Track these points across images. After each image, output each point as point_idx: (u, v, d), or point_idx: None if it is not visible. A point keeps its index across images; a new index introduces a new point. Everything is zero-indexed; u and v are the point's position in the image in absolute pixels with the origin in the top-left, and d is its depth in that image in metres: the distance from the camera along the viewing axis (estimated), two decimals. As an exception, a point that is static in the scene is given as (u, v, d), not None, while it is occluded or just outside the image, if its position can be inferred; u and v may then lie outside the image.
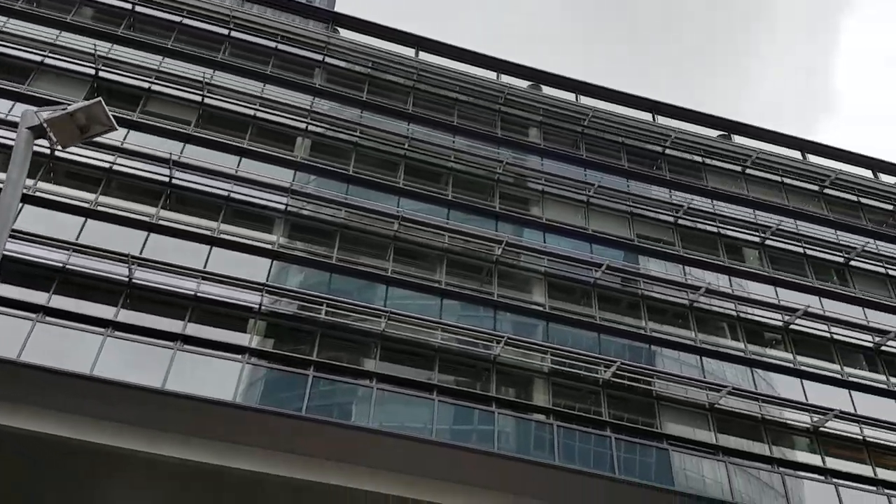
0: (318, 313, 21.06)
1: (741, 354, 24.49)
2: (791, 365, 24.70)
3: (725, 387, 22.64)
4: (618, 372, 22.03)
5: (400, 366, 21.41)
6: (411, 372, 21.34)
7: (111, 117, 7.39)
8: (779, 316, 25.81)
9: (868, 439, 23.16)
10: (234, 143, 24.58)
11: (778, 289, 26.72)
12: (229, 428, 18.62)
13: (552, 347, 22.29)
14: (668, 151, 30.36)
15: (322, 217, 23.93)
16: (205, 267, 21.07)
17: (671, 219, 27.83)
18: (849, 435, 23.22)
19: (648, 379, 22.38)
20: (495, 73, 31.37)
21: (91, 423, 17.77)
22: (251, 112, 25.82)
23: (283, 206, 23.68)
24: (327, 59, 29.10)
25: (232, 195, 23.25)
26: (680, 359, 23.79)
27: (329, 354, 20.74)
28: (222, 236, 22.19)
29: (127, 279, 20.07)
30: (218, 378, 19.16)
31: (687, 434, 21.95)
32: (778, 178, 31.07)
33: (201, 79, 25.46)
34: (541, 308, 23.86)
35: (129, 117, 23.88)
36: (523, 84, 31.52)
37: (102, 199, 22.01)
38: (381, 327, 21.34)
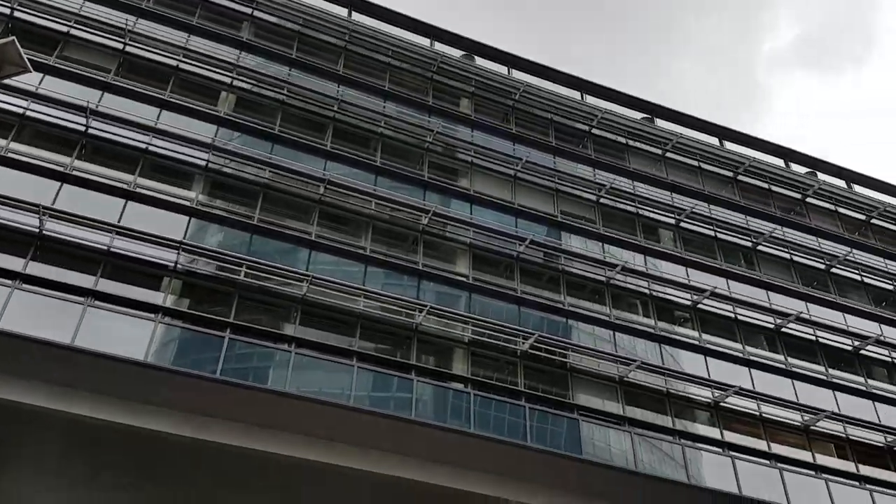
0: (236, 275, 20.64)
1: (651, 331, 25.47)
2: (697, 342, 25.86)
3: (635, 361, 23.54)
4: (535, 344, 22.56)
5: (320, 331, 21.28)
6: (332, 338, 21.25)
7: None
8: (688, 295, 26.91)
9: (764, 415, 24.58)
10: (154, 95, 23.58)
11: (689, 269, 27.81)
12: (141, 388, 18.18)
13: (474, 318, 22.59)
14: (594, 131, 30.95)
15: (244, 176, 23.34)
16: (119, 221, 20.27)
17: (593, 197, 28.48)
18: (747, 410, 24.56)
19: (564, 352, 23.02)
20: (429, 41, 31.13)
21: (-4, 379, 17.05)
22: (174, 63, 24.80)
23: (203, 163, 22.96)
24: (256, 13, 28.17)
25: (150, 148, 22.37)
26: (594, 333, 24.57)
27: (247, 317, 20.41)
28: (139, 190, 21.36)
29: (37, 230, 19.13)
30: (130, 337, 18.59)
31: (597, 405, 22.76)
32: (695, 163, 32.18)
33: (123, 25, 24.24)
34: (464, 279, 24.11)
35: (45, 62, 22.56)
36: (457, 53, 31.41)
37: (14, 146, 20.81)
38: (303, 292, 21.11)
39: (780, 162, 34.41)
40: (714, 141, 33.68)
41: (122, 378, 17.98)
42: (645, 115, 33.20)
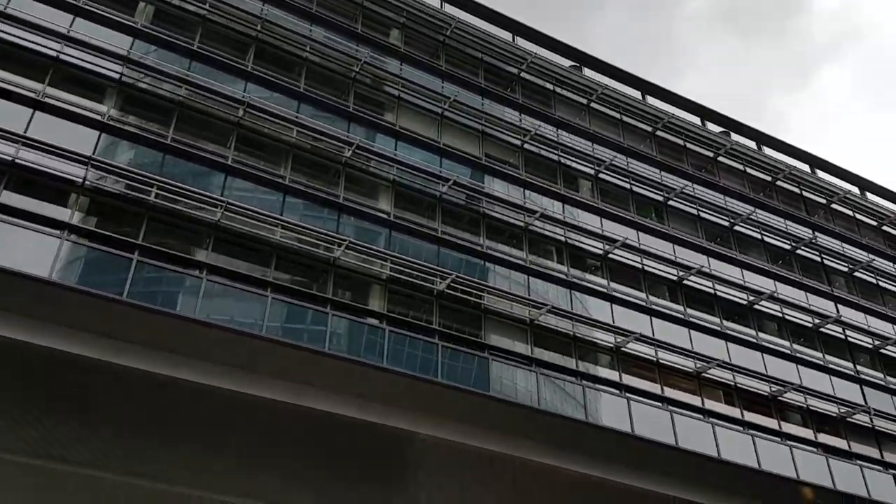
0: (147, 195, 19.83)
1: (564, 277, 26.22)
2: (605, 290, 26.83)
3: (546, 305, 24.27)
4: (452, 284, 22.87)
5: (234, 259, 20.86)
6: (246, 267, 20.90)
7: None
8: (601, 245, 27.76)
9: (661, 361, 25.94)
10: (68, 1, 21.89)
11: (603, 220, 28.62)
12: (45, 306, 17.49)
13: (393, 256, 22.62)
14: (523, 75, 30.92)
15: (160, 93, 22.21)
16: (26, 132, 19.04)
17: (518, 143, 28.66)
18: (645, 356, 25.84)
19: (479, 293, 23.44)
20: (361, -35, 29.99)
21: None
22: (88, -34, 23.01)
23: (117, 76, 21.69)
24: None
25: (61, 57, 20.92)
26: (510, 277, 25.09)
27: (157, 240, 19.77)
28: (47, 100, 20.03)
29: (-71, 135, 17.75)
30: (33, 253, 17.73)
31: (507, 346, 23.45)
32: (618, 116, 32.74)
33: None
34: (385, 216, 24.00)
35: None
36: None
37: None
38: (217, 217, 20.56)
39: (696, 120, 35.40)
40: (637, 94, 34.27)
41: (25, 295, 17.21)
42: (573, 64, 33.35)
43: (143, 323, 18.45)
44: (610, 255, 27.71)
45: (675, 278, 28.63)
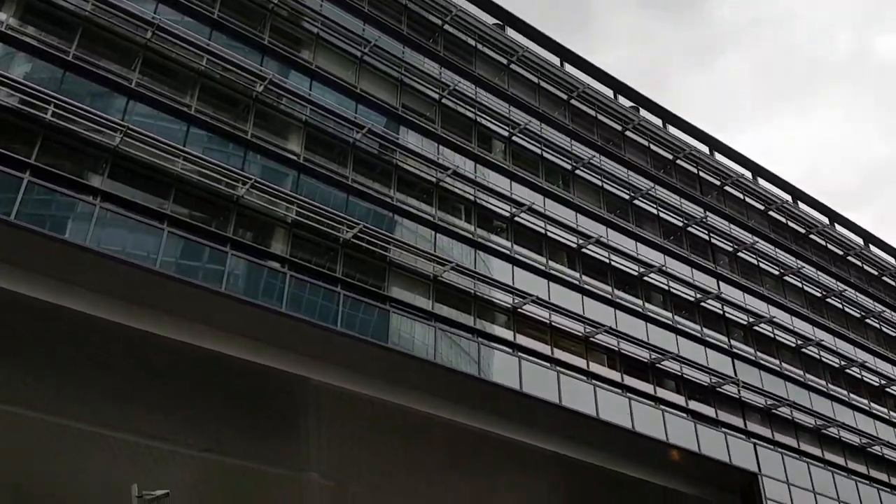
0: (43, 112, 18.48)
1: (470, 236, 26.52)
2: (508, 252, 27.35)
3: (450, 262, 24.53)
4: (359, 234, 22.66)
5: (131, 188, 19.87)
6: (142, 197, 19.96)
7: None
8: (508, 207, 28.17)
9: (554, 324, 26.84)
10: None
11: (513, 183, 28.98)
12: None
13: (299, 199, 22.12)
14: (446, 27, 30.51)
15: (64, 5, 20.50)
16: None
17: (436, 96, 28.41)
18: (539, 318, 26.66)
19: (385, 245, 23.37)
20: None
21: None
22: None
23: (14, -21, 19.88)
24: None
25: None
26: (417, 231, 25.12)
27: (51, 161, 18.55)
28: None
29: None
30: None
31: (408, 300, 23.61)
32: (535, 80, 32.97)
33: None
34: (295, 157, 23.39)
35: None
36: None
37: None
38: (116, 143, 19.45)
39: (609, 92, 36.15)
40: (556, 60, 34.55)
41: None
42: (497, 22, 33.17)
43: (30, 246, 17.40)
44: (516, 219, 28.18)
45: (574, 246, 29.49)
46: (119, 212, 19.29)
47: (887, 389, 37.36)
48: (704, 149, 38.47)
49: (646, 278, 31.09)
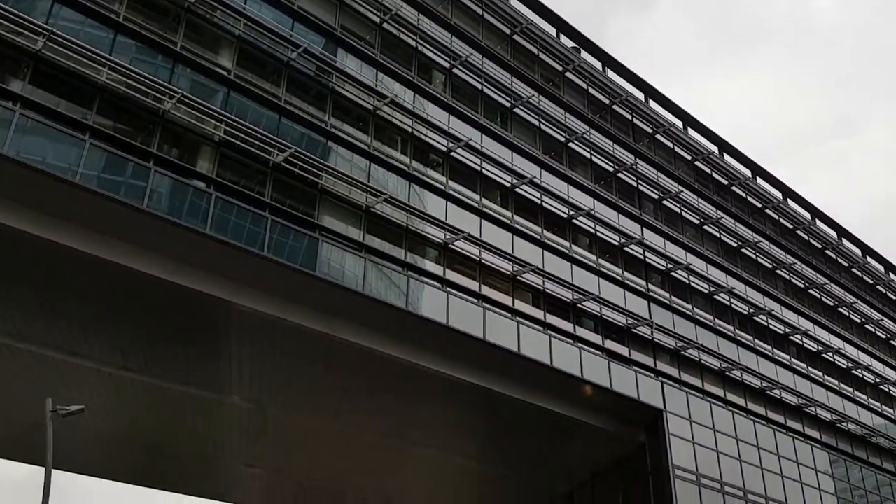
0: (-46, 9, 17.10)
1: (405, 168, 26.30)
2: (443, 187, 27.32)
3: (384, 194, 24.35)
4: (290, 158, 22.16)
5: (53, 96, 18.84)
6: (65, 106, 18.99)
7: None
8: (445, 141, 27.98)
9: (483, 261, 27.18)
10: None
11: (451, 116, 28.71)
12: None
13: (229, 118, 21.37)
14: (392, -51, 29.39)
15: None
16: None
17: (377, 20, 27.56)
18: (469, 255, 26.93)
19: (318, 172, 22.95)
20: None
21: None
22: None
23: None
24: None
25: None
26: (352, 160, 24.73)
27: (-37, 62, 17.27)
28: None
29: None
30: None
31: (340, 229, 23.41)
32: (479, 11, 32.30)
33: None
34: (226, 73, 22.48)
35: None
36: None
37: None
38: (38, 47, 18.27)
39: (552, 31, 35.81)
40: (501, -7, 33.84)
41: None
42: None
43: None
44: (453, 154, 28.05)
45: (508, 185, 29.67)
46: (40, 120, 18.38)
47: (790, 337, 39.66)
48: (640, 96, 38.87)
49: (574, 221, 31.67)
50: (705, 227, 38.48)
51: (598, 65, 37.25)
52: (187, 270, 20.76)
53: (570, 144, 33.55)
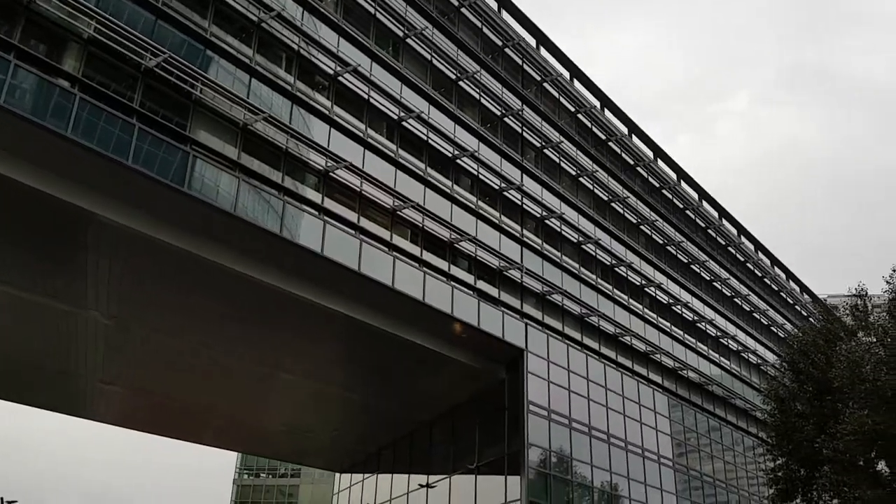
0: None
1: (289, 88, 25.30)
2: (328, 112, 26.57)
3: (263, 113, 23.39)
4: (164, 65, 20.75)
5: None
6: None
7: None
8: (332, 64, 27.09)
9: (364, 192, 26.88)
10: None
11: (341, 39, 27.78)
12: None
13: (101, 15, 19.63)
14: None
15: None
16: None
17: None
18: (350, 185, 26.54)
19: (194, 82, 21.65)
20: None
21: None
22: None
23: None
24: None
25: None
26: (235, 74, 23.49)
27: None
28: None
29: None
30: None
31: (215, 146, 22.35)
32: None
33: None
34: (99, -35, 20.52)
35: None
36: None
37: None
38: None
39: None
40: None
41: None
42: None
43: None
44: (339, 78, 27.24)
45: (395, 117, 29.27)
46: None
47: (645, 289, 42.24)
48: (532, 42, 39.14)
49: (458, 161, 31.84)
50: (581, 178, 39.81)
51: (494, 4, 37.03)
52: (51, 178, 19.37)
53: (461, 83, 33.44)
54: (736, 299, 52.25)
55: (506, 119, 35.62)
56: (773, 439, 30.19)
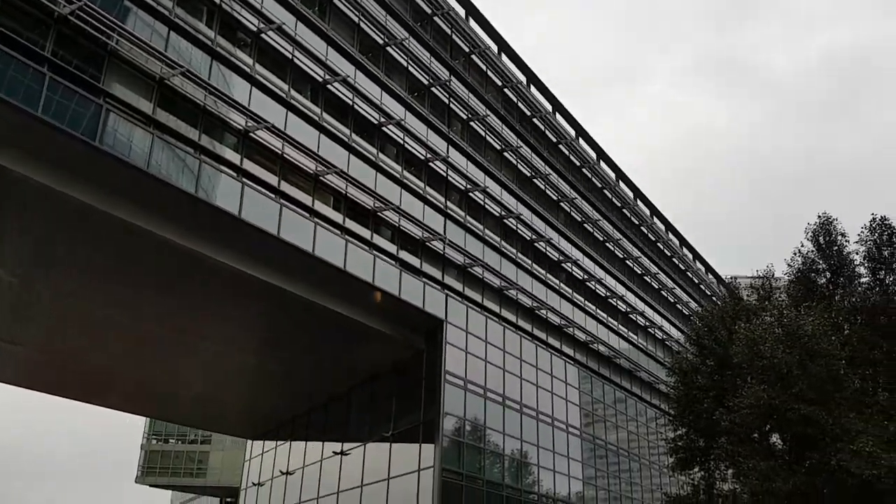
0: None
1: (209, 44, 24.30)
2: (249, 70, 25.70)
3: (182, 67, 22.42)
4: (79, 13, 19.55)
5: None
6: None
7: None
8: (256, 21, 26.16)
9: (286, 155, 26.25)
10: None
11: (266, -3, 26.85)
12: None
13: (7, -48, 18.29)
14: None
15: None
16: None
17: None
18: (272, 147, 25.84)
19: (110, 32, 20.49)
20: None
21: None
22: None
23: None
24: None
25: None
26: (153, 26, 22.34)
27: None
28: None
29: None
30: None
31: (130, 100, 21.32)
32: None
33: None
34: None
35: None
36: None
37: None
38: None
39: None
40: None
41: None
42: None
43: None
44: (263, 36, 26.36)
45: (320, 79, 28.61)
46: None
47: (562, 264, 43.16)
48: (462, 12, 38.90)
49: (384, 129, 31.47)
50: (505, 153, 40.10)
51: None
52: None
53: (389, 49, 32.94)
54: (646, 277, 54.10)
55: (433, 89, 35.38)
56: (675, 410, 31.60)
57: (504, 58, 41.98)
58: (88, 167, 20.33)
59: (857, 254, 27.17)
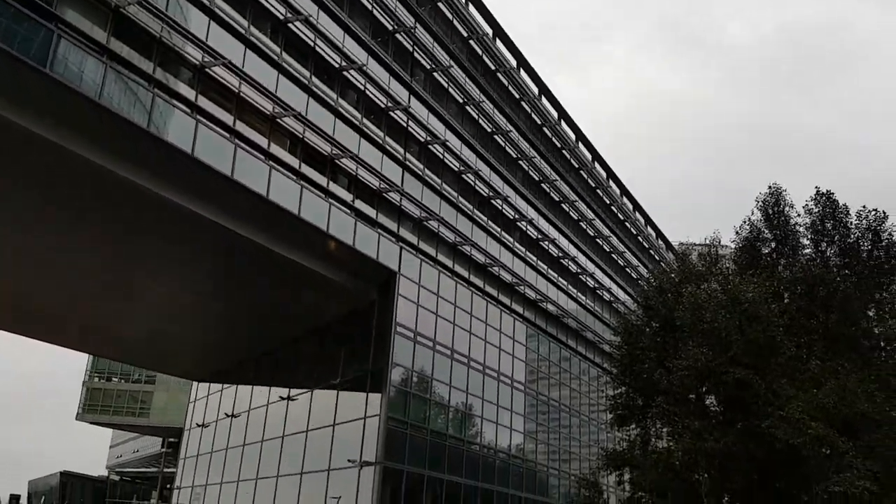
0: None
1: (169, -27, 23.36)
2: (207, 3, 24.77)
3: (140, -4, 21.59)
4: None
5: None
6: None
7: None
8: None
9: (242, 94, 25.59)
10: None
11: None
12: None
13: None
14: None
15: None
16: None
17: None
18: (228, 85, 25.16)
19: (62, -49, 19.52)
20: None
21: None
22: None
23: None
24: None
25: None
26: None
27: None
28: None
29: None
30: None
31: (84, 27, 20.47)
32: None
33: None
34: None
35: None
36: None
37: None
38: None
39: None
40: None
41: None
42: None
43: None
44: (226, -30, 25.43)
45: (281, 18, 27.81)
46: None
47: (517, 223, 43.42)
48: (431, -41, 38.06)
49: (345, 73, 30.86)
50: (467, 107, 39.79)
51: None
52: None
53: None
54: (598, 240, 54.85)
55: (397, 35, 34.72)
56: (617, 369, 32.44)
57: (471, 7, 41.36)
58: (36, 94, 19.53)
59: (801, 226, 27.91)
